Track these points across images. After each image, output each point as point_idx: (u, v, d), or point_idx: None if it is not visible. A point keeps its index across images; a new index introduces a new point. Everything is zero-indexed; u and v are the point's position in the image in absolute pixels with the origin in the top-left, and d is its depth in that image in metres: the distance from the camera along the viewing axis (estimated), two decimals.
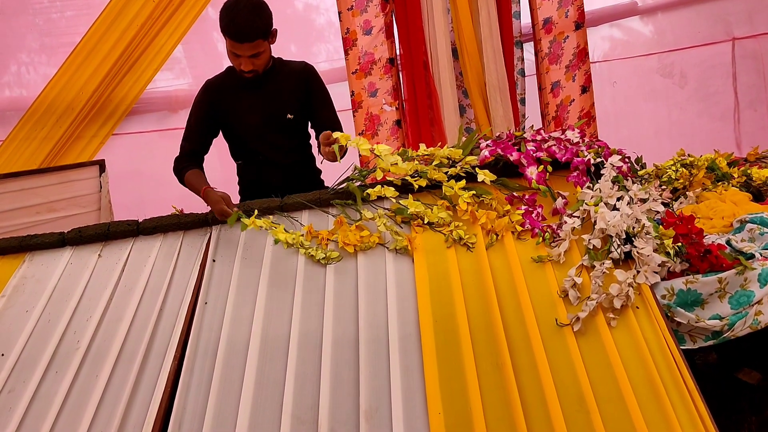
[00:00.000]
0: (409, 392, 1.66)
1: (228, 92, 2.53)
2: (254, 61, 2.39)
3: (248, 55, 2.36)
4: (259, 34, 2.34)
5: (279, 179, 2.54)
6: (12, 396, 1.81)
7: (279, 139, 2.57)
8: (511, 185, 2.20)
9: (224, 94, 2.53)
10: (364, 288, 1.95)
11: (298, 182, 2.51)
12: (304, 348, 1.81)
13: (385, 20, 3.82)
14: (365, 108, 3.86)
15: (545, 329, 1.76)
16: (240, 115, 2.53)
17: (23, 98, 3.91)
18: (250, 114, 2.52)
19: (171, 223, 2.30)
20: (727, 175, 2.39)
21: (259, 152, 2.56)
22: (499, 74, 3.79)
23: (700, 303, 1.83)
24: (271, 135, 2.55)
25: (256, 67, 2.41)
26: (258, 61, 2.40)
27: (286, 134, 2.58)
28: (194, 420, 1.68)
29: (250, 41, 2.32)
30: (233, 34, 2.31)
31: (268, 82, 2.51)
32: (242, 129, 2.55)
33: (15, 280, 2.18)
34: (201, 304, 2.00)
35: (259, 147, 2.56)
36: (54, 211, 3.06)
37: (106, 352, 1.90)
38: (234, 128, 2.56)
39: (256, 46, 2.35)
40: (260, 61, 2.41)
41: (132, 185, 3.97)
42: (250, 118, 2.52)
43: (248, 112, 2.52)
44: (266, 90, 2.51)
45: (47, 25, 4.00)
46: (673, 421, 1.53)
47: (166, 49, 3.88)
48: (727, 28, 4.41)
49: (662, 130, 4.56)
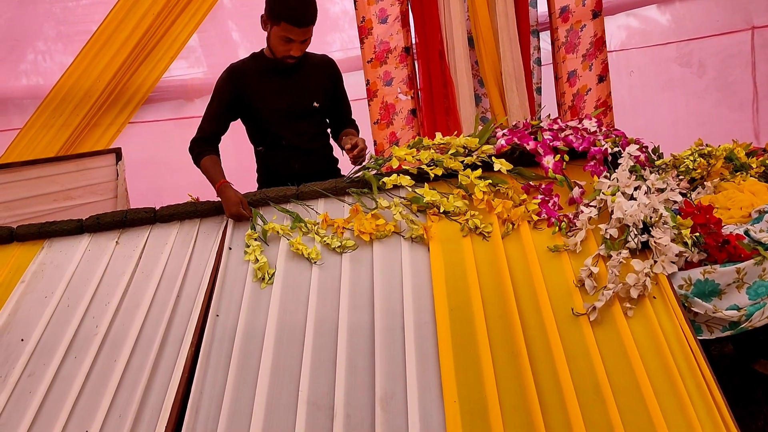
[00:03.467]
0: (424, 380, 1.67)
1: (254, 76, 2.55)
2: (302, 47, 2.45)
3: (301, 40, 2.42)
4: (314, 20, 2.42)
5: (300, 165, 2.56)
6: (32, 380, 1.83)
7: (303, 125, 2.59)
8: (527, 174, 2.20)
9: (250, 78, 2.54)
10: (380, 276, 1.96)
11: (319, 169, 2.54)
12: (320, 335, 1.82)
13: (401, 9, 3.80)
14: (380, 97, 3.84)
15: (561, 318, 1.76)
16: (265, 100, 2.55)
17: (40, 86, 3.93)
18: (276, 99, 2.54)
19: (187, 211, 2.31)
20: (745, 165, 2.37)
21: (282, 137, 2.58)
22: (515, 63, 3.76)
23: (718, 293, 1.82)
24: (296, 121, 2.57)
25: (302, 53, 2.48)
26: (305, 47, 2.47)
27: (310, 121, 2.60)
28: (211, 404, 1.70)
29: (308, 26, 2.39)
30: (294, 19, 2.36)
31: (296, 71, 2.54)
32: (267, 114, 2.57)
33: (34, 266, 2.21)
34: (218, 290, 2.01)
35: (283, 132, 2.58)
36: (71, 199, 3.09)
37: (124, 338, 1.92)
38: (258, 112, 2.57)
39: (309, 31, 2.42)
40: (305, 47, 2.48)
41: (148, 173, 4.00)
42: (275, 103, 2.55)
43: (274, 98, 2.54)
44: (294, 77, 2.55)
45: (64, 14, 4.01)
46: (689, 411, 1.52)
47: (182, 38, 3.89)
48: (747, 17, 4.35)
49: (680, 119, 4.52)
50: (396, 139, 3.85)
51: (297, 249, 2.05)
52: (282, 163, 2.58)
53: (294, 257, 2.07)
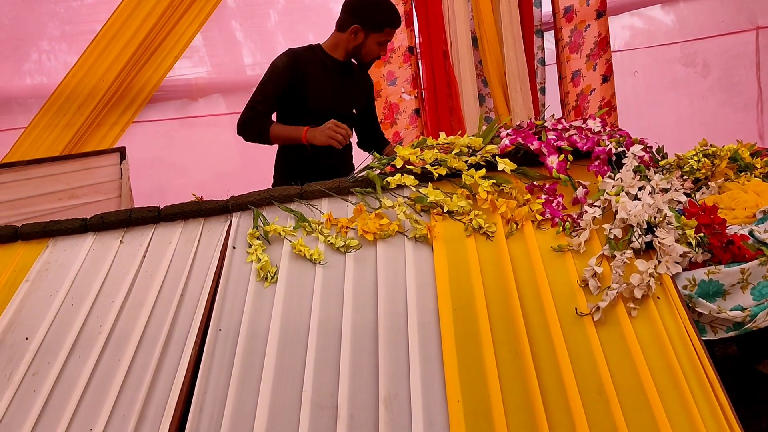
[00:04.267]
0: (428, 379, 1.67)
1: (316, 68, 2.61)
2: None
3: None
4: None
5: (329, 162, 2.64)
6: (36, 379, 1.84)
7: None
8: (531, 174, 2.19)
9: (310, 66, 2.59)
10: (384, 276, 1.95)
11: (343, 168, 2.61)
12: (324, 335, 1.82)
13: (405, 8, 3.80)
14: (384, 97, 3.85)
15: (565, 318, 1.75)
16: (318, 92, 2.59)
17: (44, 86, 3.95)
18: (331, 97, 2.61)
19: (191, 210, 2.31)
20: (749, 166, 2.36)
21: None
22: (519, 63, 3.76)
23: (722, 294, 1.81)
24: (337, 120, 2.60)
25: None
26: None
27: (347, 124, 2.63)
28: (215, 404, 1.70)
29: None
30: (397, 22, 2.53)
31: (350, 75, 2.62)
32: (315, 105, 2.60)
33: (38, 264, 2.21)
34: (221, 290, 2.01)
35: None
36: (75, 198, 3.09)
37: (128, 337, 1.92)
38: (308, 101, 2.60)
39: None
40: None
41: (152, 172, 4.01)
42: (328, 100, 2.61)
43: (329, 94, 2.61)
44: (348, 80, 2.66)
45: (68, 13, 4.02)
46: (693, 411, 1.52)
47: (186, 37, 3.90)
48: (751, 17, 4.34)
49: (684, 119, 4.52)
50: (400, 139, 3.85)
51: (299, 251, 2.05)
52: (313, 155, 2.62)
53: (298, 256, 2.07)
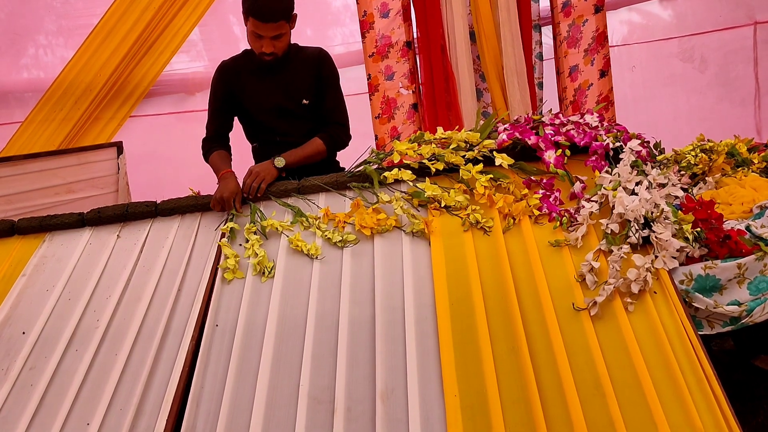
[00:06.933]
0: (424, 374, 1.67)
1: (244, 75, 2.55)
2: (275, 43, 2.41)
3: (271, 36, 2.39)
4: (283, 15, 2.38)
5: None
6: (33, 373, 1.83)
7: (294, 123, 2.58)
8: (528, 169, 2.19)
9: (240, 76, 2.54)
10: (381, 271, 1.96)
11: (313, 165, 2.51)
12: (321, 329, 1.82)
13: (403, 3, 3.79)
14: (381, 91, 3.84)
15: (562, 313, 1.76)
16: (256, 98, 2.54)
17: (41, 80, 3.93)
18: (267, 97, 2.54)
19: (189, 205, 2.31)
20: (746, 161, 2.36)
21: (276, 133, 2.58)
22: (516, 58, 3.76)
23: (719, 288, 1.82)
24: (287, 119, 2.57)
25: (277, 50, 2.43)
26: (279, 43, 2.42)
27: (301, 119, 2.59)
28: (212, 398, 1.70)
29: (274, 21, 2.35)
30: (259, 14, 2.34)
31: (285, 67, 2.52)
32: (258, 112, 2.57)
33: (35, 259, 2.21)
34: (218, 284, 2.01)
35: (275, 130, 2.58)
36: (72, 192, 3.08)
37: (125, 331, 1.92)
38: (250, 110, 2.58)
39: (279, 27, 2.38)
40: (281, 44, 2.43)
41: (149, 167, 3.99)
42: (266, 102, 2.54)
43: (265, 96, 2.54)
44: (283, 75, 2.53)
45: (64, 8, 4.01)
46: (689, 405, 1.52)
47: (183, 31, 3.89)
48: (749, 12, 4.33)
49: (681, 115, 4.51)
50: (397, 134, 3.85)
51: (296, 246, 2.05)
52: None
53: (295, 251, 2.07)
